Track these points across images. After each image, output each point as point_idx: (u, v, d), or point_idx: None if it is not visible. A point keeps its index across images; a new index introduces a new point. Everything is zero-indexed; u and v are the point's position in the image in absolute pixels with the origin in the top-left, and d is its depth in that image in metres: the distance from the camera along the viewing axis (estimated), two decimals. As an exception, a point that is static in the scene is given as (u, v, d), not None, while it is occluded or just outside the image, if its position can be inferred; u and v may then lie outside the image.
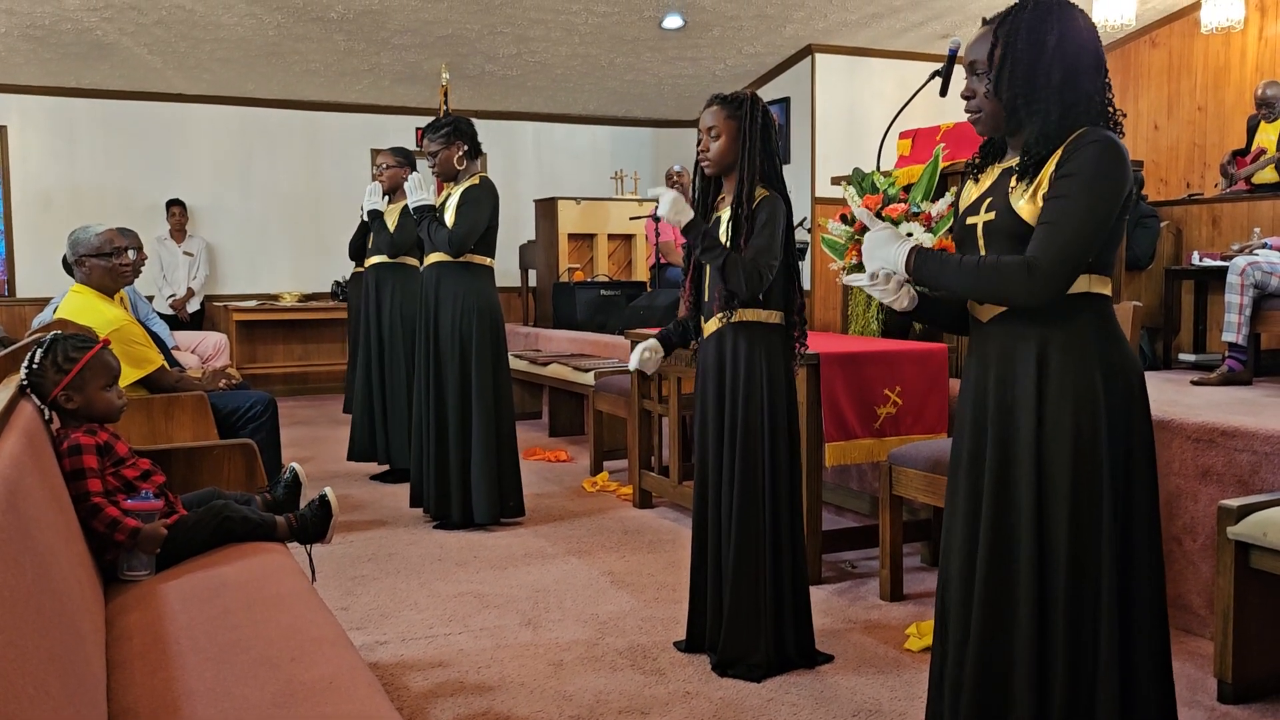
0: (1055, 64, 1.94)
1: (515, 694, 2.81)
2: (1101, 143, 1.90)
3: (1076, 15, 1.98)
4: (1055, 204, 1.90)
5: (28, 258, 8.33)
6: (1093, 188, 1.88)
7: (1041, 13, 1.96)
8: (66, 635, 1.61)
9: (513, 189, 9.20)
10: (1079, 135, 1.92)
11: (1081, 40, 1.96)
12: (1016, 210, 1.97)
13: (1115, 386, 1.96)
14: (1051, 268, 1.88)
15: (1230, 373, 4.63)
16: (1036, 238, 1.91)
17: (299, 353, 8.99)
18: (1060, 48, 1.94)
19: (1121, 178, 1.90)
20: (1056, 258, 1.88)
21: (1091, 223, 1.88)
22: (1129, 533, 1.98)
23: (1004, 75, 1.97)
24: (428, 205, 4.51)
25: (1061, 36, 1.94)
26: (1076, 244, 1.88)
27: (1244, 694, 2.73)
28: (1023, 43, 1.95)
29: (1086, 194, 1.88)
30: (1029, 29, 1.95)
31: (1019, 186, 1.99)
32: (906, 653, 3.09)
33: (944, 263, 2.00)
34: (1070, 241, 1.88)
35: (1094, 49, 1.97)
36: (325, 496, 2.78)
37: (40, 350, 2.59)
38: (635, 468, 4.93)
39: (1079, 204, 1.87)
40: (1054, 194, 1.90)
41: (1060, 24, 1.95)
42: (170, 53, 7.81)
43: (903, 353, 3.79)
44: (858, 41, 8.34)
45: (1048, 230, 1.89)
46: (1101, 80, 1.98)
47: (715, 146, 2.91)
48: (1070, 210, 1.88)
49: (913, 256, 2.04)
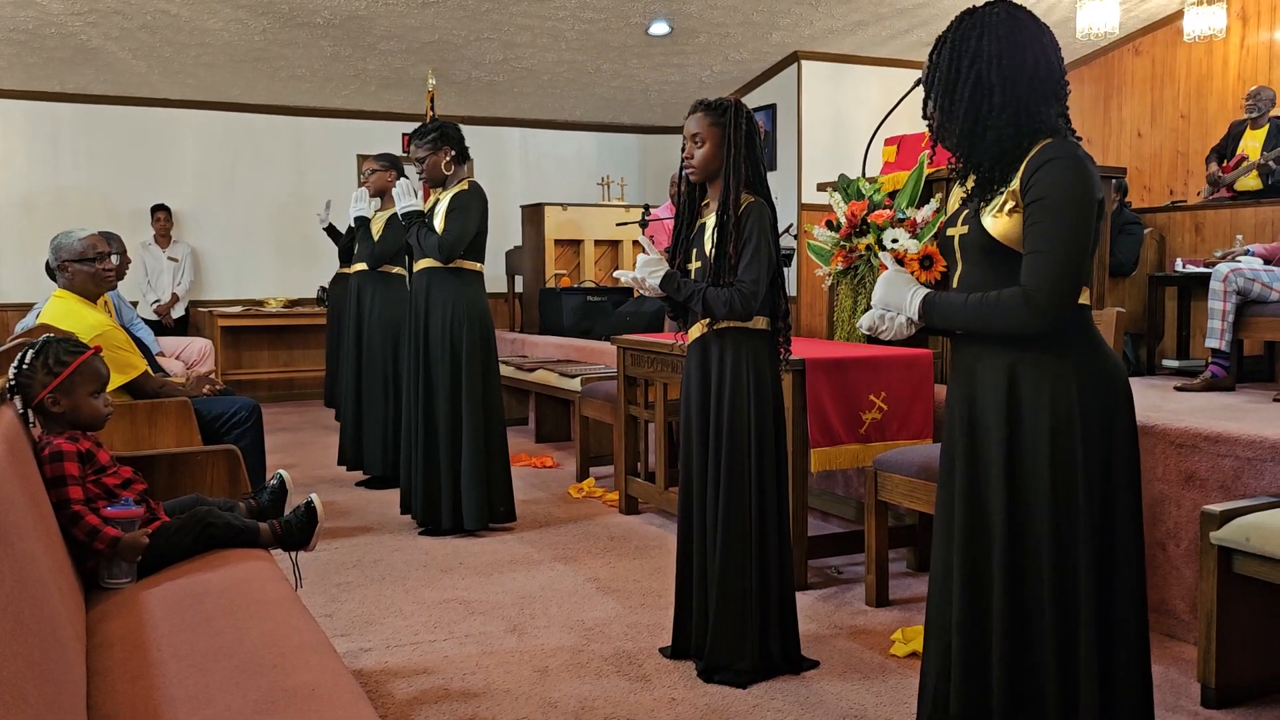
0: (967, 83, 1.94)
1: (500, 701, 2.80)
2: (1063, 160, 1.90)
3: (1004, 27, 1.95)
4: (1034, 230, 1.90)
5: (10, 262, 8.28)
6: (1067, 209, 1.89)
7: (968, 30, 1.96)
8: (46, 642, 1.59)
9: (499, 195, 9.17)
10: (1040, 150, 1.93)
11: (1001, 54, 1.94)
12: (985, 226, 1.99)
13: (1093, 394, 1.96)
14: (1048, 298, 1.90)
15: (1213, 378, 4.66)
16: (1027, 268, 1.91)
17: (284, 359, 8.96)
18: (975, 66, 1.94)
19: (1090, 192, 1.91)
20: (1052, 288, 1.89)
21: (1075, 243, 1.89)
22: (1110, 539, 1.98)
23: (939, 100, 1.99)
24: (416, 211, 4.50)
25: (976, 54, 1.94)
26: (1067, 268, 1.89)
27: (1227, 699, 2.74)
28: (949, 65, 1.97)
29: (1063, 216, 1.88)
30: (954, 50, 1.96)
31: (983, 203, 2.00)
32: (892, 658, 3.09)
33: (950, 306, 2.02)
34: (1061, 267, 1.89)
35: (1034, 55, 1.95)
36: (311, 503, 2.77)
37: (31, 352, 2.57)
38: (621, 474, 4.93)
39: (1058, 227, 1.88)
40: (1032, 220, 1.91)
41: (979, 40, 1.94)
42: (155, 57, 7.78)
43: (888, 358, 3.80)
44: (843, 48, 8.37)
45: (1036, 260, 1.90)
46: (1049, 86, 1.96)
47: (700, 154, 2.91)
48: (1051, 234, 1.89)
49: (923, 305, 2.05)
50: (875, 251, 4.37)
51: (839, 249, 4.52)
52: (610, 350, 6.16)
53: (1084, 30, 7.27)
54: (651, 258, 2.91)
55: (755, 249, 2.84)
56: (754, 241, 2.84)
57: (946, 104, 1.99)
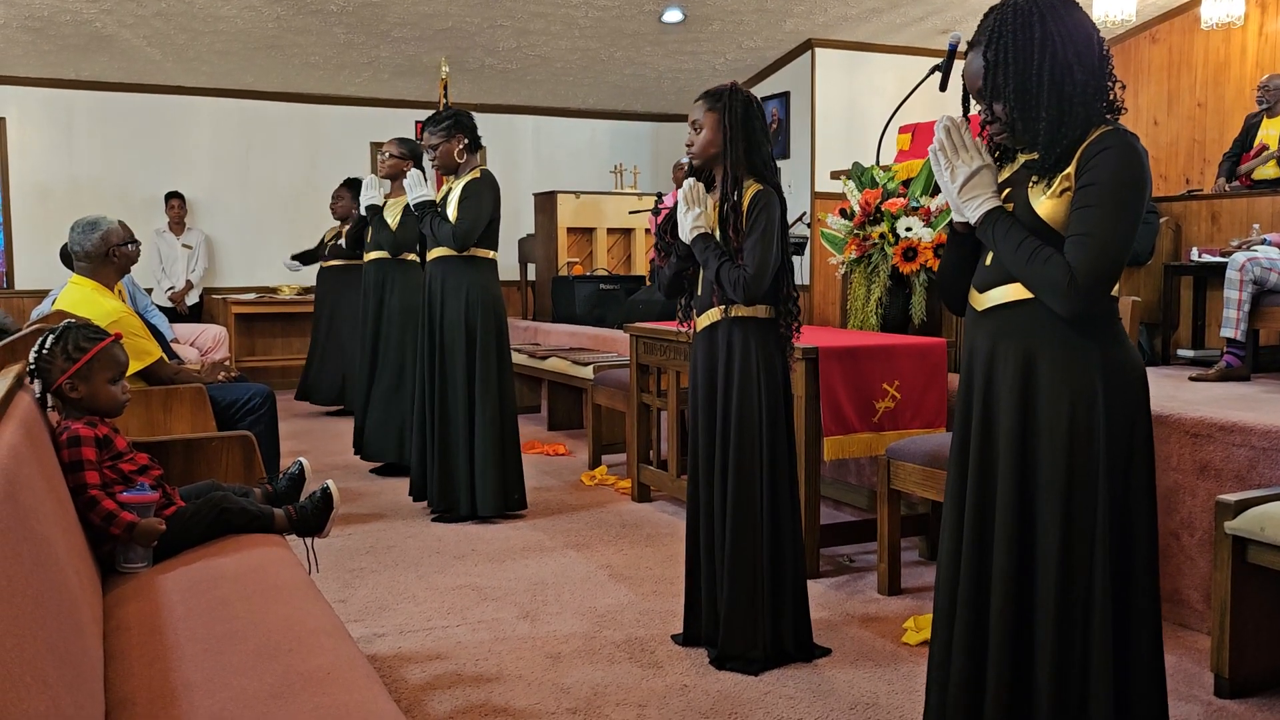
0: (1044, 67, 1.91)
1: (513, 686, 2.82)
2: (1120, 147, 1.88)
3: (1060, 10, 1.94)
4: (1084, 214, 1.88)
5: (26, 250, 8.32)
6: (1118, 195, 1.87)
7: (1026, 18, 1.93)
8: (65, 625, 1.61)
9: (512, 183, 9.19)
10: (1097, 137, 1.91)
11: (1069, 34, 1.92)
12: (1034, 207, 1.96)
13: (1117, 386, 1.95)
14: (1087, 281, 1.87)
15: (1229, 368, 4.63)
16: (1073, 249, 1.89)
17: (297, 346, 8.97)
18: (1046, 49, 1.91)
19: (1143, 181, 1.90)
20: (1092, 271, 1.87)
21: (1122, 231, 1.87)
22: (1127, 530, 1.98)
23: (998, 94, 1.96)
24: (429, 200, 4.51)
25: (1044, 37, 1.91)
26: (1110, 255, 1.87)
27: (1240, 689, 2.74)
28: (1018, 56, 1.92)
29: (1113, 203, 1.87)
30: (1019, 40, 1.92)
31: (1039, 184, 1.98)
32: (904, 646, 3.09)
33: (1010, 231, 1.95)
34: (1104, 253, 1.87)
35: (1085, 39, 1.94)
36: (327, 489, 2.78)
37: (52, 337, 2.59)
38: (634, 462, 4.93)
39: (1107, 213, 1.86)
40: (1081, 203, 1.89)
41: (1043, 24, 1.92)
42: (169, 45, 7.79)
43: (901, 347, 3.79)
44: (858, 36, 8.33)
45: (1081, 243, 1.88)
46: (1100, 69, 1.95)
47: (699, 139, 2.93)
48: (1099, 220, 1.87)
49: (989, 213, 1.98)
50: (889, 240, 4.36)
51: (852, 237, 4.51)
52: (623, 338, 6.16)
53: (1101, 17, 7.22)
54: (698, 212, 2.91)
55: (763, 233, 2.84)
56: (762, 227, 2.84)
57: (1023, 97, 1.93)
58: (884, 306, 4.46)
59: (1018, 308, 1.99)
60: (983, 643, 2.04)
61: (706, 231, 2.91)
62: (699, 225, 2.90)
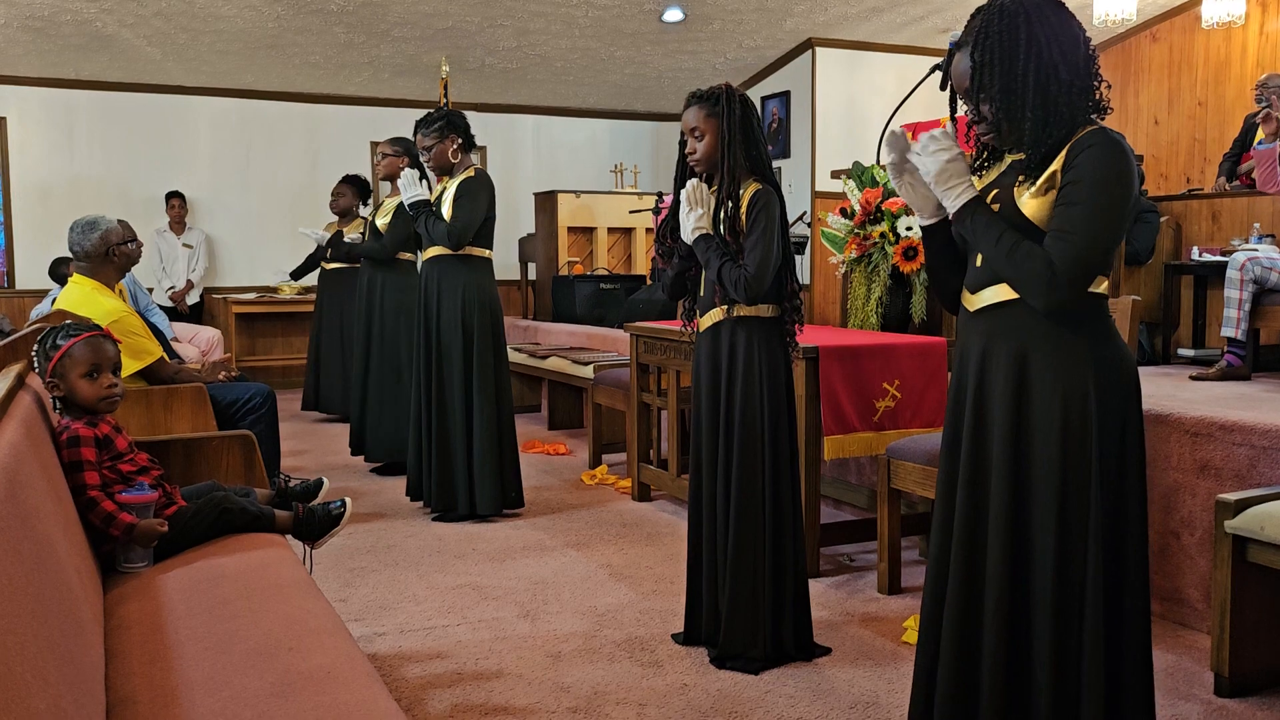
0: (1030, 67, 1.91)
1: (513, 685, 2.82)
2: (1104, 145, 1.89)
3: (1046, 10, 1.95)
4: (1067, 211, 1.89)
5: (27, 250, 8.32)
6: (1101, 193, 1.87)
7: (1012, 19, 1.93)
8: (66, 624, 1.61)
9: (512, 182, 9.19)
10: (1083, 136, 1.91)
11: (1054, 34, 1.93)
12: (1021, 207, 1.97)
13: (1108, 384, 1.95)
14: (1066, 276, 1.88)
15: (1229, 368, 4.63)
16: (1051, 244, 1.90)
17: (298, 345, 8.97)
18: (1032, 49, 1.92)
19: (1128, 179, 1.90)
20: (1072, 267, 1.88)
21: (1104, 228, 1.88)
22: (1121, 529, 1.98)
23: (985, 94, 1.97)
24: (423, 200, 4.51)
25: (1030, 37, 1.92)
26: (1091, 251, 1.88)
27: (1240, 688, 2.74)
28: (1003, 56, 1.93)
29: (1096, 200, 1.87)
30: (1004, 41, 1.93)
31: (1025, 184, 1.98)
32: (904, 645, 3.10)
33: (989, 224, 1.96)
34: (1085, 250, 1.87)
35: (1070, 39, 1.94)
36: (345, 504, 2.80)
37: (39, 338, 2.60)
38: (634, 461, 4.93)
39: (1089, 210, 1.87)
40: (1064, 200, 1.90)
41: (1028, 25, 1.92)
42: (169, 44, 7.79)
43: (901, 346, 3.79)
44: (858, 35, 8.33)
45: (1062, 238, 1.89)
46: (1086, 70, 1.95)
47: (702, 147, 2.92)
48: (1082, 216, 1.87)
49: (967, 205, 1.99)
50: (889, 240, 4.36)
51: (853, 236, 4.51)
52: (623, 338, 6.16)
53: (1101, 16, 7.22)
54: (701, 213, 2.91)
55: (764, 232, 2.84)
56: (762, 226, 2.84)
57: (1009, 97, 1.93)
58: (884, 306, 4.46)
59: (1009, 307, 2.00)
60: (974, 640, 2.04)
61: (708, 232, 2.91)
62: (701, 226, 2.91)
